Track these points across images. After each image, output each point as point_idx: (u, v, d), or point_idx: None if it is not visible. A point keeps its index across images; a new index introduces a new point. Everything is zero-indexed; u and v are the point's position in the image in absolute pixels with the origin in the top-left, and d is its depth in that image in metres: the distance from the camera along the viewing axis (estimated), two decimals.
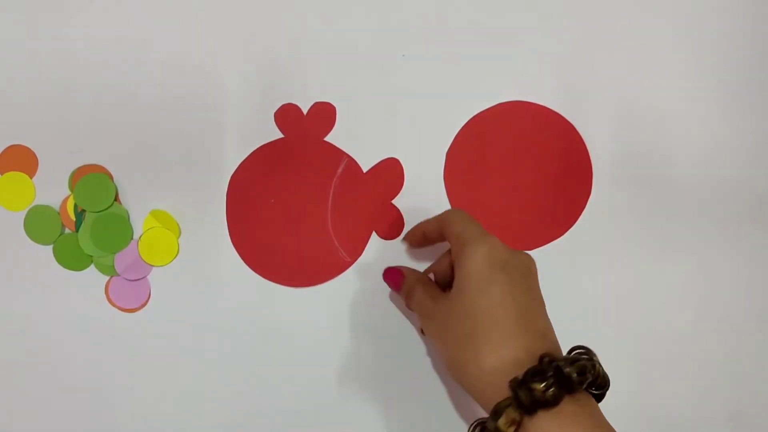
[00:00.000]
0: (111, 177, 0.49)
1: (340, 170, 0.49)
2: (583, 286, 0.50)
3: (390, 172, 0.50)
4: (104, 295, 0.49)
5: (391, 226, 0.49)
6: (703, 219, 0.50)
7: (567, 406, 0.35)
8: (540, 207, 0.50)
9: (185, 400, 0.49)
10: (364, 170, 0.50)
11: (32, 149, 0.49)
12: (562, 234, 0.50)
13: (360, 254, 0.49)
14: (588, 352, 0.38)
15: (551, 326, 0.40)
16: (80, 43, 0.49)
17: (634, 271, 0.50)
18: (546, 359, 0.36)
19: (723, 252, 0.50)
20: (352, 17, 0.50)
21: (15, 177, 0.49)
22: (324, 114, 0.49)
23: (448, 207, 0.50)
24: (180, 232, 0.49)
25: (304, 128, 0.49)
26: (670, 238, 0.50)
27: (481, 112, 0.50)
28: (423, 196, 0.50)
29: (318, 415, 0.49)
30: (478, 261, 0.39)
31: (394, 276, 0.47)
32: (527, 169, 0.50)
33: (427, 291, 0.43)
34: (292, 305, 0.49)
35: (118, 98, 0.49)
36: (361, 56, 0.50)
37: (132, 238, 0.49)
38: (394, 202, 0.50)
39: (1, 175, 0.49)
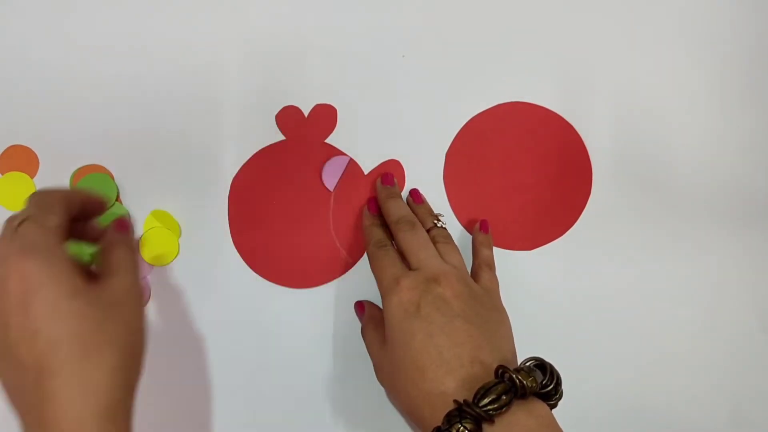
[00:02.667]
0: (112, 177, 0.49)
1: (341, 172, 0.49)
2: (583, 286, 0.50)
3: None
4: None
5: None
6: (703, 218, 0.50)
7: (520, 418, 0.36)
8: (540, 207, 0.50)
9: (184, 399, 0.49)
10: (366, 172, 0.50)
11: (33, 149, 0.49)
12: (562, 234, 0.50)
13: (362, 255, 0.49)
14: (538, 363, 0.39)
15: (482, 341, 0.40)
16: (81, 43, 0.49)
17: (634, 271, 0.50)
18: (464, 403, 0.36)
19: (723, 251, 0.50)
20: (352, 18, 0.50)
21: (16, 177, 0.49)
22: (325, 116, 0.49)
23: (449, 207, 0.50)
24: (180, 233, 0.49)
25: (306, 130, 0.49)
26: (670, 238, 0.50)
27: (481, 112, 0.50)
28: (424, 197, 0.50)
29: (318, 416, 0.49)
30: (395, 314, 0.41)
31: (359, 309, 0.48)
32: (527, 169, 0.50)
33: (377, 334, 0.45)
34: (293, 306, 0.49)
35: (119, 99, 0.49)
36: (361, 57, 0.50)
37: None
38: None
39: (2, 175, 0.49)
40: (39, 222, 0.34)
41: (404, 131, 0.50)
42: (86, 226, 0.41)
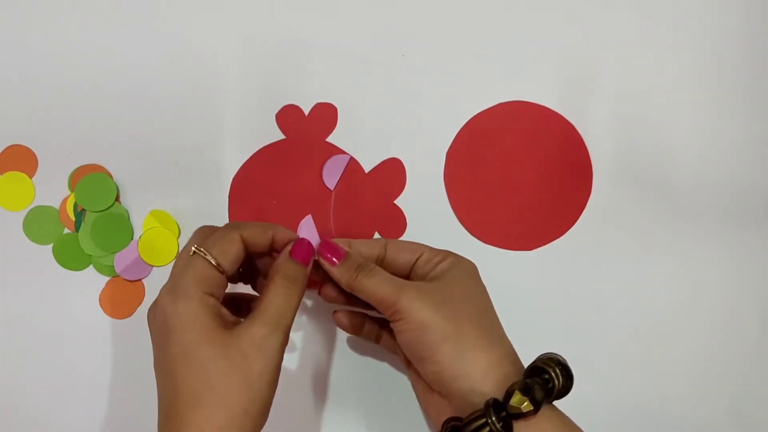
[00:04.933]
0: (111, 177, 0.49)
1: (342, 171, 0.49)
2: (582, 286, 0.50)
3: (392, 173, 0.50)
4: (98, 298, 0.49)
5: (394, 226, 0.49)
6: (703, 218, 0.50)
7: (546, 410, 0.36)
8: (540, 207, 0.50)
9: None
10: (366, 170, 0.50)
11: (32, 149, 0.49)
12: (562, 234, 0.50)
13: None
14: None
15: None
16: (80, 43, 0.49)
17: (634, 271, 0.50)
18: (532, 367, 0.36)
19: (723, 251, 0.50)
20: (353, 18, 0.50)
21: (14, 177, 0.49)
22: (325, 114, 0.49)
23: (449, 207, 0.50)
24: (180, 233, 0.49)
25: (306, 129, 0.49)
26: (670, 238, 0.50)
27: (481, 112, 0.50)
28: (424, 196, 0.50)
29: (318, 414, 0.49)
30: (470, 269, 0.41)
31: (333, 249, 0.41)
32: (527, 169, 0.50)
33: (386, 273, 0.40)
34: None
35: (119, 98, 0.49)
36: (361, 57, 0.50)
37: (132, 238, 0.49)
38: (395, 202, 0.50)
39: (1, 175, 0.49)
40: (204, 258, 0.37)
41: (404, 130, 0.50)
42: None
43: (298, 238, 0.40)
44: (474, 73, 0.50)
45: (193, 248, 0.37)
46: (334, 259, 0.40)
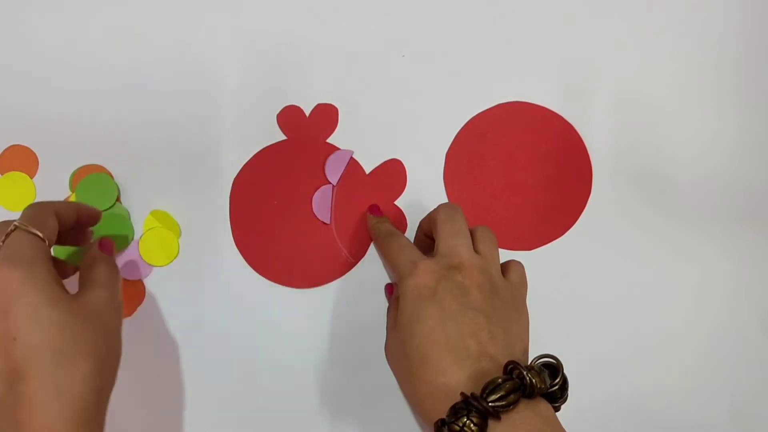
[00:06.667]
0: (112, 177, 0.49)
1: (344, 166, 0.49)
2: (583, 286, 0.50)
3: (393, 174, 0.50)
4: None
5: (395, 226, 0.49)
6: (703, 218, 0.50)
7: (526, 417, 0.35)
8: (540, 207, 0.50)
9: (184, 400, 0.48)
10: (367, 171, 0.50)
11: (33, 149, 0.49)
12: (562, 234, 0.50)
13: (363, 255, 0.49)
14: (550, 361, 0.38)
15: (494, 336, 0.39)
16: (81, 43, 0.49)
17: (634, 271, 0.50)
18: (471, 394, 0.35)
19: (723, 251, 0.50)
20: (353, 18, 0.50)
21: (15, 177, 0.49)
22: (326, 115, 0.50)
23: None
24: (180, 233, 0.49)
25: (307, 130, 0.49)
26: (669, 238, 0.50)
27: (481, 112, 0.50)
28: (424, 197, 0.50)
29: (319, 416, 0.49)
30: (408, 297, 0.40)
31: (388, 290, 0.49)
32: (527, 169, 0.50)
33: (393, 315, 0.44)
34: (295, 306, 0.49)
35: (119, 99, 0.49)
36: (362, 57, 0.50)
37: (133, 238, 0.49)
38: (395, 202, 0.50)
39: (2, 175, 0.49)
40: (27, 232, 0.36)
41: (405, 131, 0.50)
42: (81, 234, 0.44)
43: (101, 239, 0.43)
44: (474, 73, 0.50)
45: (14, 224, 0.36)
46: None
